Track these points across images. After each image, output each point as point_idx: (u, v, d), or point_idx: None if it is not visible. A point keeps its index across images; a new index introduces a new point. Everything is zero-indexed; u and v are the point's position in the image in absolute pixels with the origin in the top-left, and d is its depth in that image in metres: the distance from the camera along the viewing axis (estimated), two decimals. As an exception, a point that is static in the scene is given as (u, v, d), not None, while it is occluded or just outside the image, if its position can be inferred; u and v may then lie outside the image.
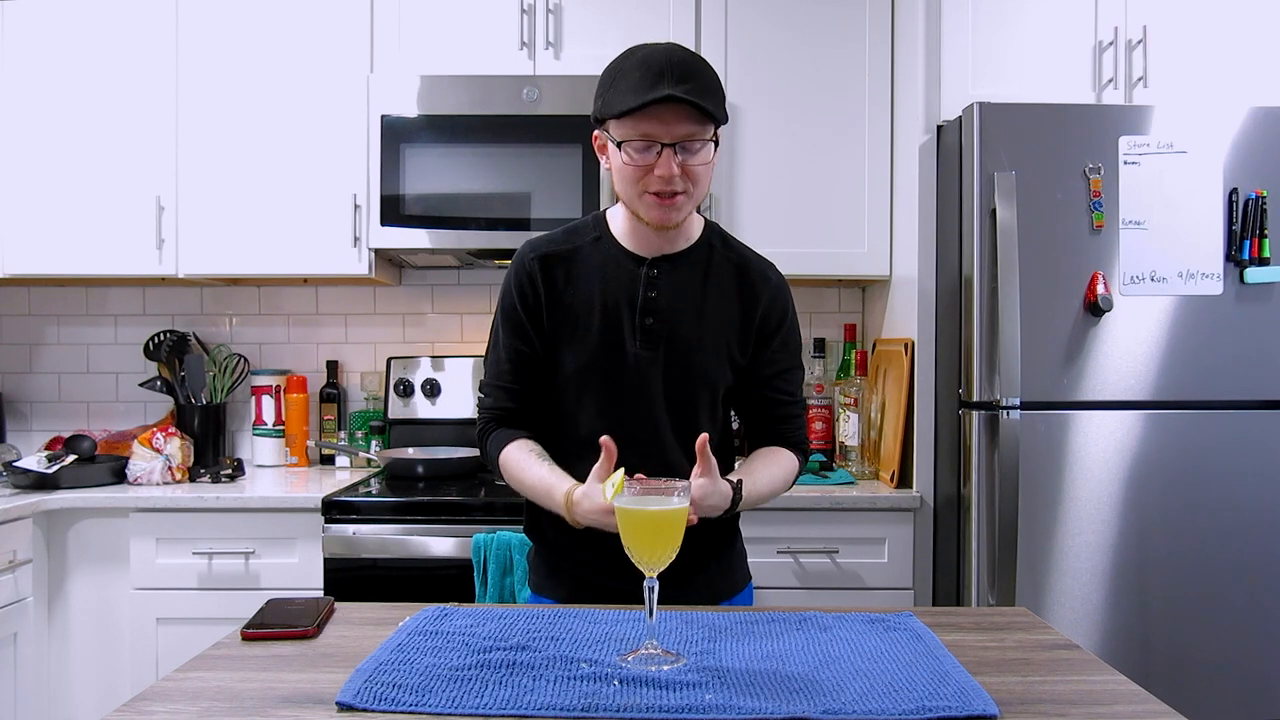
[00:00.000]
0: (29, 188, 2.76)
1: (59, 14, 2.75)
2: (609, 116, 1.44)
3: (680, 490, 1.20)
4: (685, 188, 1.44)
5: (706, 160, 1.45)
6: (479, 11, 2.73)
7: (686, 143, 1.41)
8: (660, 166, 1.41)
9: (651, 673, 1.11)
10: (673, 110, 1.39)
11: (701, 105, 1.39)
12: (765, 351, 1.59)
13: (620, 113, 1.40)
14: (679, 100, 1.37)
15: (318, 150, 2.74)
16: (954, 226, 2.33)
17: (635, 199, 1.47)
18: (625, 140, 1.42)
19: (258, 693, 1.09)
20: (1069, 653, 1.23)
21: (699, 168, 1.44)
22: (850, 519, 2.43)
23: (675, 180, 1.42)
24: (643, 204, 1.47)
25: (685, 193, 1.45)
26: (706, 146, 1.44)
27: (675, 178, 1.42)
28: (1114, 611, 2.23)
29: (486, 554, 2.23)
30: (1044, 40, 2.46)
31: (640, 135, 1.41)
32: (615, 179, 1.49)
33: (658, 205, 1.45)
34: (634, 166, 1.43)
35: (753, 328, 1.57)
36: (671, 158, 1.41)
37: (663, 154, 1.41)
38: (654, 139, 1.41)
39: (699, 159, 1.44)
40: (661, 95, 1.37)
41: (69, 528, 2.50)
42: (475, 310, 3.12)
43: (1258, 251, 2.23)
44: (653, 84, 1.38)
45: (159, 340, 2.95)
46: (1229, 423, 2.24)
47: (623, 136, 1.43)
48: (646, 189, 1.45)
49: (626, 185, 1.47)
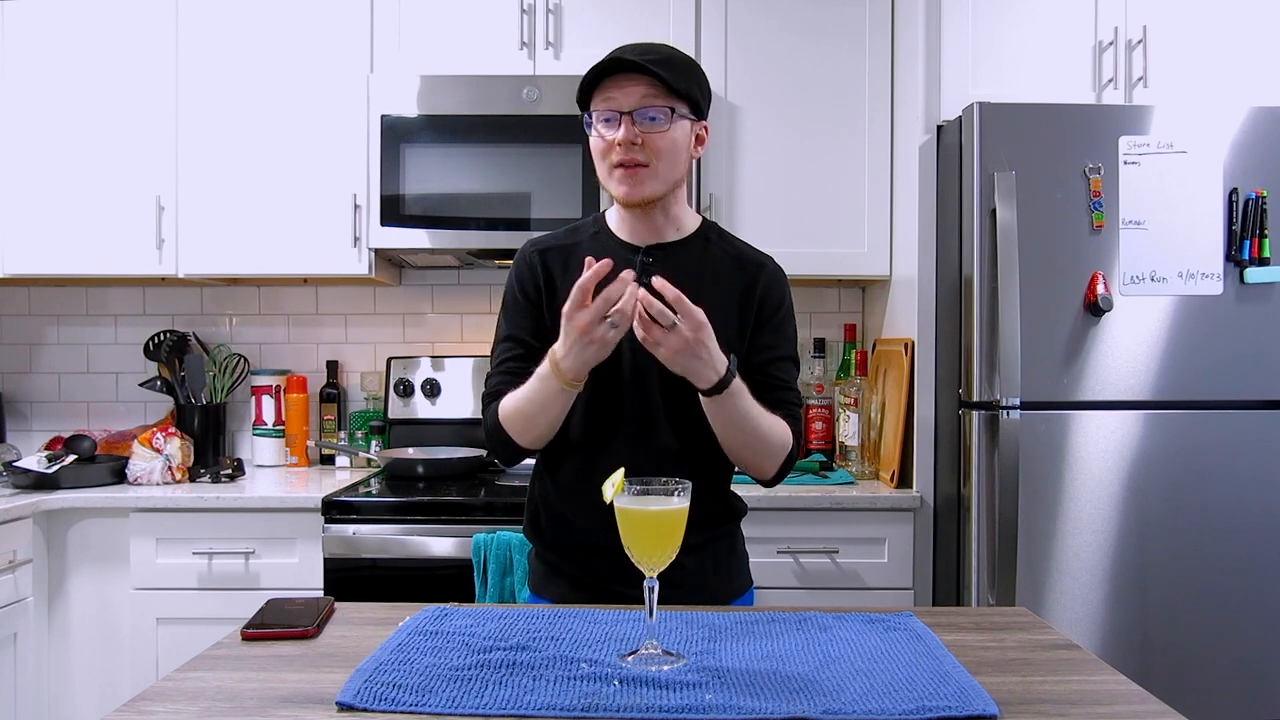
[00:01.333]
0: (29, 188, 2.76)
1: (59, 14, 2.75)
2: (582, 102, 1.50)
3: (680, 490, 1.20)
4: (647, 160, 1.48)
5: (665, 130, 1.48)
6: (479, 11, 2.73)
7: (645, 109, 1.46)
8: (620, 132, 1.46)
9: (651, 673, 1.11)
10: (631, 79, 1.46)
11: (656, 72, 1.44)
12: (760, 337, 1.58)
13: (585, 89, 1.48)
14: (631, 66, 1.44)
15: (318, 150, 2.74)
16: (954, 226, 2.33)
17: (606, 177, 1.52)
18: (594, 115, 1.49)
19: (258, 693, 1.08)
20: (1069, 653, 1.23)
21: (659, 139, 1.47)
22: (850, 519, 2.43)
23: (635, 150, 1.46)
24: (612, 180, 1.51)
25: (648, 165, 1.48)
26: (669, 119, 1.47)
27: (634, 145, 1.46)
28: (1114, 611, 2.23)
29: (486, 554, 2.23)
30: (1044, 40, 2.46)
31: (603, 108, 1.47)
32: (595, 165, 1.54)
33: (623, 178, 1.49)
34: (600, 140, 1.49)
35: (750, 314, 1.57)
36: (630, 125, 1.46)
37: (621, 121, 1.46)
38: (615, 109, 1.46)
39: (656, 128, 1.47)
40: (613, 60, 1.45)
41: (69, 528, 2.50)
42: (475, 310, 3.12)
43: (1258, 251, 2.23)
44: (612, 59, 1.46)
45: (159, 340, 2.95)
46: (1229, 423, 2.24)
47: (591, 112, 1.49)
48: (612, 163, 1.49)
49: (598, 164, 1.53)
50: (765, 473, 1.55)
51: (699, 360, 1.38)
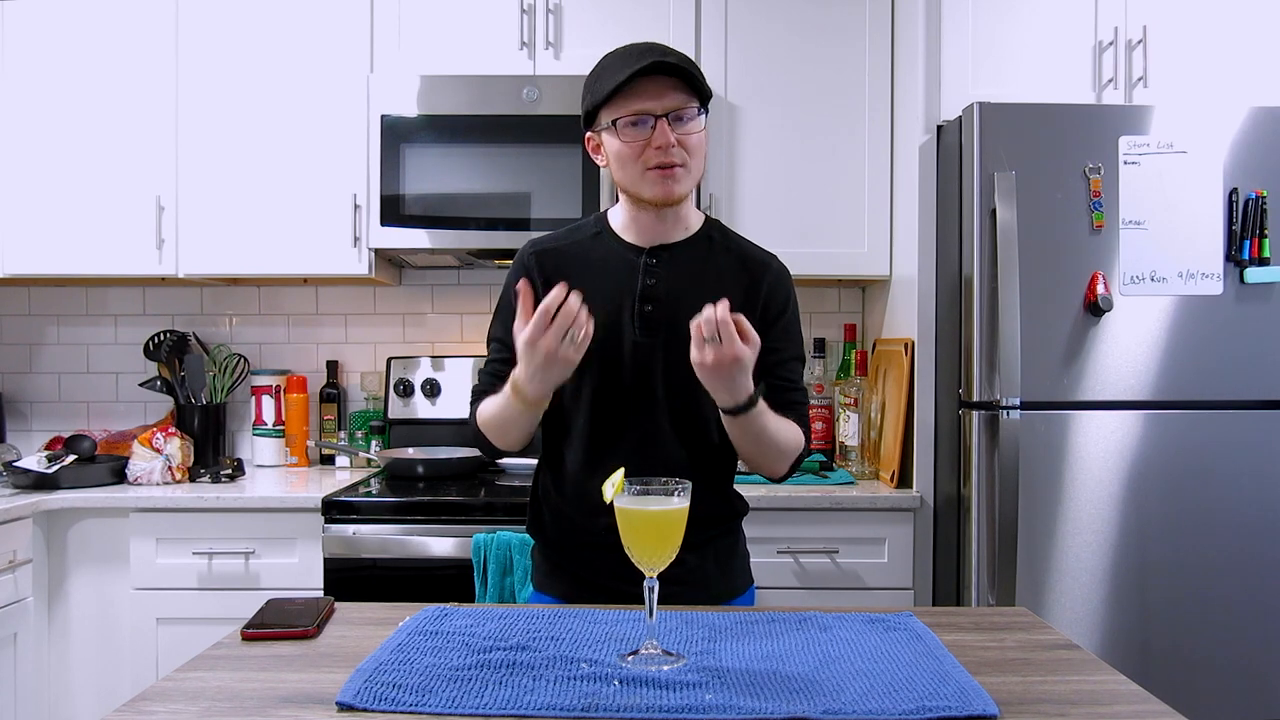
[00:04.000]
0: (29, 188, 2.76)
1: (59, 14, 2.75)
2: (600, 104, 1.47)
3: (680, 490, 1.20)
4: (683, 159, 1.48)
5: (700, 129, 1.48)
6: (479, 11, 2.73)
7: (679, 112, 1.45)
8: (657, 137, 1.45)
9: (651, 673, 1.11)
10: (660, 82, 1.44)
11: (689, 71, 1.44)
12: (766, 339, 1.58)
13: (610, 93, 1.44)
14: (665, 69, 1.43)
15: (318, 150, 2.74)
16: (954, 226, 2.33)
17: (638, 179, 1.49)
18: (620, 120, 1.46)
19: (258, 693, 1.09)
20: (1069, 653, 1.23)
21: (693, 138, 1.48)
22: (850, 519, 2.43)
23: (673, 151, 1.46)
24: (645, 181, 1.49)
25: (684, 165, 1.48)
26: (698, 118, 1.47)
27: (673, 148, 1.45)
28: (1114, 611, 2.23)
29: (486, 554, 2.24)
30: (1044, 40, 2.46)
31: (633, 112, 1.45)
32: (614, 167, 1.52)
33: (660, 179, 1.48)
34: (631, 144, 1.47)
35: (755, 314, 1.56)
36: (667, 127, 1.44)
37: (657, 125, 1.45)
38: (647, 112, 1.45)
39: (692, 129, 1.47)
40: (649, 63, 1.42)
41: (69, 528, 2.50)
42: (475, 310, 3.12)
43: (1258, 251, 2.23)
44: (638, 59, 1.43)
45: (159, 340, 2.95)
46: (1229, 423, 2.24)
47: (616, 117, 1.46)
48: (647, 165, 1.47)
49: (626, 167, 1.49)
50: (776, 473, 1.58)
51: (731, 382, 1.39)
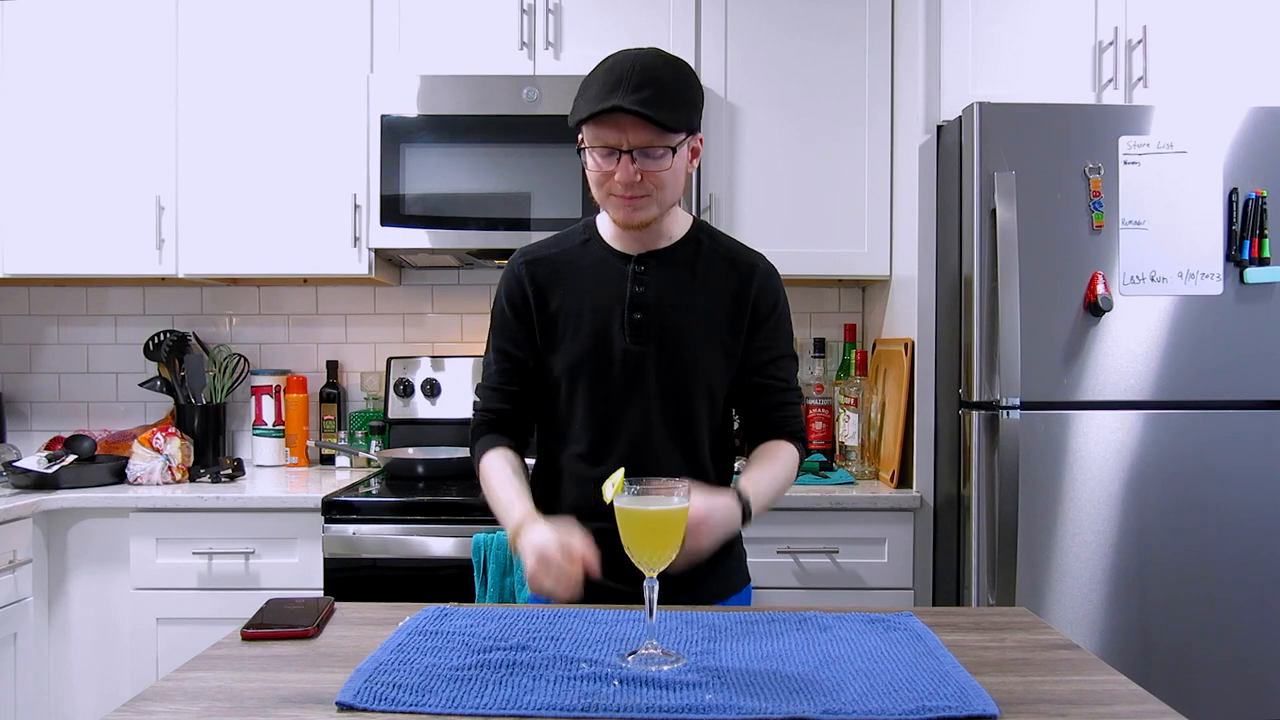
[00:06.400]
0: (29, 188, 2.76)
1: (59, 14, 2.75)
2: (575, 123, 1.48)
3: (680, 490, 1.20)
4: (648, 190, 1.47)
5: (667, 167, 1.46)
6: (479, 11, 2.73)
7: (645, 149, 1.44)
8: (619, 172, 1.45)
9: (651, 673, 1.11)
10: (629, 119, 1.41)
11: (649, 116, 1.40)
12: (756, 338, 1.59)
13: (578, 121, 1.45)
14: (626, 111, 1.40)
15: (317, 150, 2.74)
16: (954, 226, 2.33)
17: (603, 200, 1.52)
18: (590, 147, 1.47)
19: (258, 693, 1.09)
20: (1069, 653, 1.23)
21: (661, 174, 1.46)
22: (850, 519, 2.43)
23: (634, 186, 1.46)
24: (610, 204, 1.51)
25: (648, 195, 1.48)
26: (667, 154, 1.45)
27: (634, 183, 1.45)
28: (1114, 611, 2.23)
29: (486, 554, 2.23)
30: (1044, 40, 2.46)
31: (601, 143, 1.45)
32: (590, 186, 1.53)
33: (622, 205, 1.49)
34: (598, 172, 1.48)
35: (744, 315, 1.57)
36: (629, 164, 1.44)
37: (620, 160, 1.44)
38: (613, 146, 1.44)
39: (659, 165, 1.45)
40: (609, 106, 1.40)
41: (69, 528, 2.50)
42: (475, 310, 3.12)
43: (1258, 251, 2.23)
44: (607, 93, 1.41)
45: (159, 340, 2.95)
46: (1229, 423, 2.24)
47: (587, 143, 1.47)
48: (611, 191, 1.49)
49: (594, 187, 1.52)
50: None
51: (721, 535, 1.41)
